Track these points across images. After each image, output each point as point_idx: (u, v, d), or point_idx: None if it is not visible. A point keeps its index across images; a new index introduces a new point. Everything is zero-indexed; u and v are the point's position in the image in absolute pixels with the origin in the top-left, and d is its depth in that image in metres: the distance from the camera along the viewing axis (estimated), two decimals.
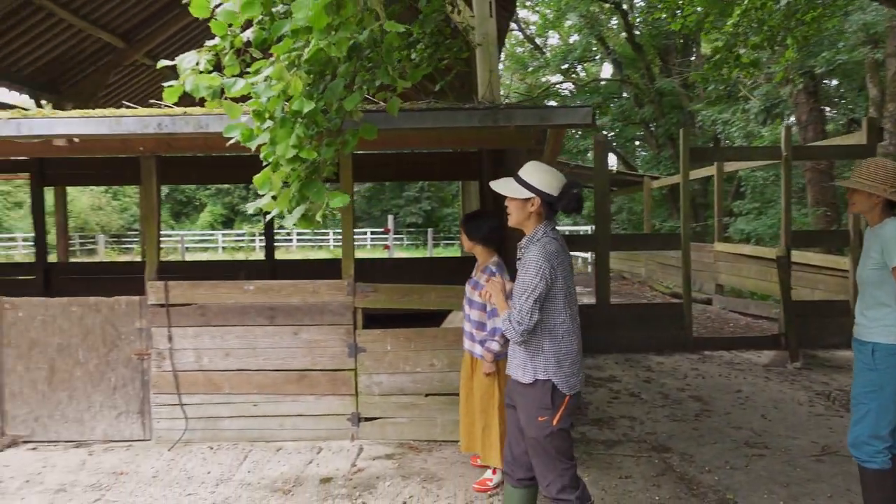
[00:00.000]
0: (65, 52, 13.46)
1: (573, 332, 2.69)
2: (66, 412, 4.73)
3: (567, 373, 2.65)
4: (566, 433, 2.68)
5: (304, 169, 2.88)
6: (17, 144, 3.91)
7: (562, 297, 2.64)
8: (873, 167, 3.00)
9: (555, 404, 2.63)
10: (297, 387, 4.71)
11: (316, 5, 2.17)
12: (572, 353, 2.68)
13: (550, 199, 2.67)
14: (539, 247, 2.62)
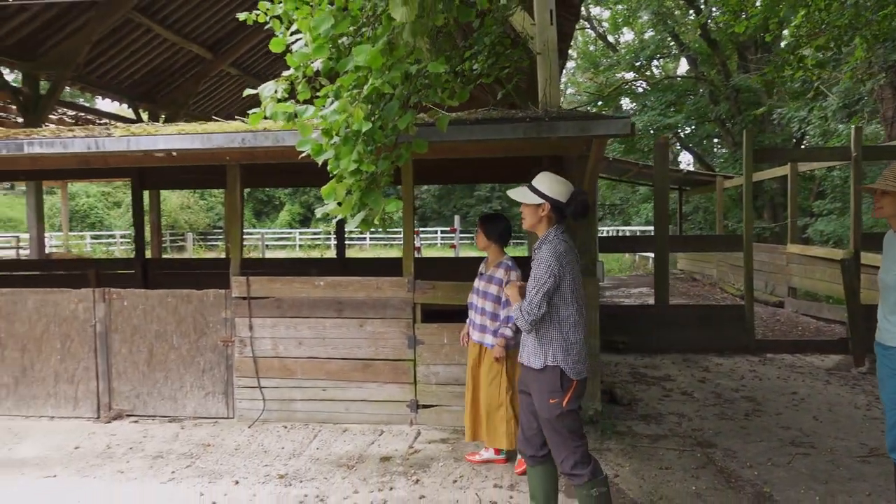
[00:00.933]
0: (159, 64, 14.62)
1: (580, 324, 3.01)
2: (162, 390, 5.36)
3: (574, 360, 2.98)
4: (575, 414, 2.99)
5: (364, 180, 3.27)
6: (125, 156, 4.53)
7: (569, 293, 2.96)
8: None
9: (563, 388, 2.95)
10: (361, 374, 5.15)
11: (373, 50, 2.55)
12: (578, 342, 3.00)
13: (559, 205, 3.01)
14: (550, 247, 2.96)
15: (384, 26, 2.48)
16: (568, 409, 2.95)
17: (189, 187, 13.11)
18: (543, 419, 3.01)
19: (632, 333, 7.81)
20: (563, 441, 2.98)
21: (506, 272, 4.13)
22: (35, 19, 11.27)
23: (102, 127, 5.20)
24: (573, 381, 2.96)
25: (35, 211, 13.41)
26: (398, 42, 2.66)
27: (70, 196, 29.39)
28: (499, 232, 4.19)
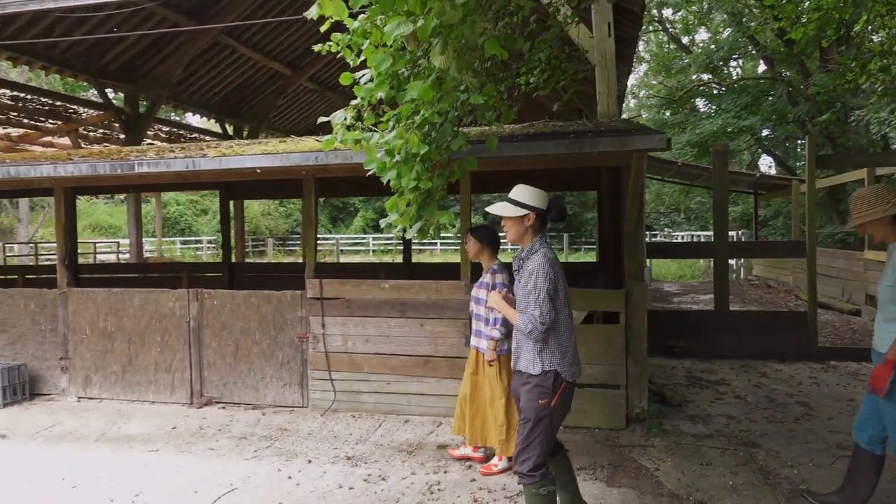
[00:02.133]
0: (244, 81, 15.70)
1: (571, 328, 3.20)
2: (245, 381, 5.99)
3: (569, 363, 3.18)
4: (559, 417, 3.16)
5: (422, 195, 3.71)
6: (217, 173, 5.17)
7: (562, 299, 3.14)
8: (863, 197, 3.24)
9: (554, 389, 3.12)
10: (422, 370, 5.59)
11: (424, 86, 2.98)
12: (571, 346, 3.20)
13: (542, 213, 3.20)
14: (541, 255, 3.13)
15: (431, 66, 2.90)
16: (552, 411, 3.11)
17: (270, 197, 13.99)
18: (525, 420, 3.16)
19: (690, 338, 7.90)
20: (533, 443, 3.09)
21: (492, 276, 4.32)
22: (135, 46, 12.44)
23: (196, 146, 5.90)
24: (564, 382, 3.14)
25: (135, 219, 14.70)
26: (446, 77, 3.07)
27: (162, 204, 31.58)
28: (489, 237, 4.40)
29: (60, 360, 6.38)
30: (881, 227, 3.23)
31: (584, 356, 5.21)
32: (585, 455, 4.66)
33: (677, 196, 28.78)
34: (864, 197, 3.25)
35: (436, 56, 2.76)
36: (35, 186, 6.39)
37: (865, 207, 3.22)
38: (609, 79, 6.55)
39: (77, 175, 5.18)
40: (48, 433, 5.37)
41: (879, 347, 3.20)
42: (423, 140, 3.54)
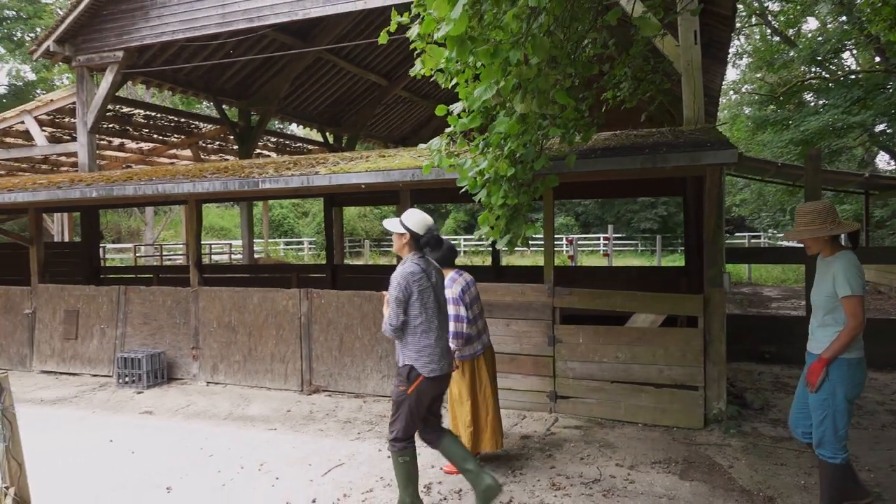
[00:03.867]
0: (343, 93, 16.72)
1: (431, 331, 3.72)
2: (349, 372, 6.66)
3: (425, 361, 3.71)
4: (416, 403, 3.73)
5: (509, 210, 4.16)
6: (327, 188, 5.86)
7: (418, 305, 3.70)
8: (809, 213, 3.47)
9: (410, 380, 3.73)
10: (508, 366, 6.02)
11: (510, 123, 3.42)
12: (429, 346, 3.72)
13: (416, 236, 3.80)
14: (401, 269, 3.73)
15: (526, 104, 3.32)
16: (410, 397, 3.72)
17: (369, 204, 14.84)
18: (392, 400, 3.85)
19: (780, 344, 7.86)
20: (397, 419, 3.77)
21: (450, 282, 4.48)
22: (248, 66, 13.65)
23: (307, 161, 6.64)
24: (420, 375, 3.71)
25: (246, 223, 16.03)
26: (529, 114, 3.50)
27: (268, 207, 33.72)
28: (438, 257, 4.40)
29: (192, 349, 7.33)
30: (819, 243, 3.49)
31: (662, 358, 5.50)
32: (661, 451, 4.94)
33: (780, 195, 27.48)
34: (809, 213, 3.48)
35: (517, 104, 3.19)
36: (174, 199, 7.37)
37: (809, 224, 3.46)
38: (695, 86, 6.73)
39: (211, 191, 6.03)
40: (185, 411, 6.26)
41: (813, 350, 3.51)
42: (511, 163, 3.99)
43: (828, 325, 3.43)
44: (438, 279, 3.92)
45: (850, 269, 3.32)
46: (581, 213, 38.03)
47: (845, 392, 3.37)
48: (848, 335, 3.30)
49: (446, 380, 3.92)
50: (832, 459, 3.45)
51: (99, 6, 10.45)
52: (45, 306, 8.05)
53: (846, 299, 3.30)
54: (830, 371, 3.37)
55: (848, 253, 3.44)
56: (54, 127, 13.03)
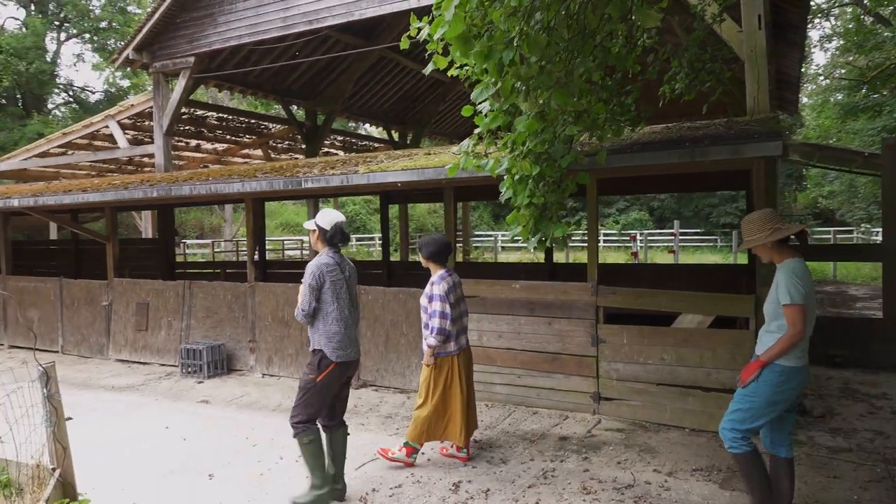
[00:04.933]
0: (407, 90, 16.90)
1: (341, 320, 3.99)
2: (394, 368, 6.75)
3: (334, 346, 3.97)
4: (325, 387, 3.97)
5: (537, 210, 4.09)
6: (367, 186, 5.96)
7: (329, 295, 3.96)
8: (749, 223, 3.52)
9: (320, 367, 3.97)
10: (550, 366, 5.94)
11: (528, 121, 3.37)
12: (339, 333, 3.97)
13: (324, 232, 4.07)
14: (315, 261, 4.01)
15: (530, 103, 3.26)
16: (320, 385, 3.96)
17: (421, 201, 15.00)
18: (299, 385, 4.05)
19: (853, 348, 7.35)
20: (300, 404, 3.99)
21: (430, 285, 4.65)
22: (313, 66, 14.02)
23: (353, 161, 6.77)
24: (332, 362, 3.95)
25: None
26: (547, 110, 3.42)
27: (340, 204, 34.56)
28: (429, 252, 4.70)
29: (249, 342, 7.63)
30: (766, 251, 3.53)
31: (710, 360, 5.28)
32: (705, 457, 4.73)
33: (872, 187, 25.63)
34: (750, 222, 3.53)
35: (521, 104, 3.13)
36: (231, 198, 7.69)
37: (749, 234, 3.52)
38: (759, 73, 6.38)
39: (259, 190, 6.27)
40: (238, 402, 6.53)
41: (758, 352, 3.55)
42: (535, 161, 3.92)
43: (773, 332, 3.47)
44: (352, 273, 4.21)
45: (791, 278, 3.36)
46: (656, 209, 36.81)
47: (769, 396, 3.42)
48: (786, 342, 3.35)
49: (354, 366, 4.16)
50: (733, 449, 3.52)
51: (172, 15, 11.01)
52: (119, 299, 8.60)
53: (786, 308, 3.35)
54: (763, 373, 3.43)
55: (792, 261, 3.45)
56: (136, 130, 13.86)
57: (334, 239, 4.11)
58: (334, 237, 4.11)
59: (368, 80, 15.72)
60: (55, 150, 14.49)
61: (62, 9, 29.20)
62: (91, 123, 13.70)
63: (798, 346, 3.38)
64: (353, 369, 4.21)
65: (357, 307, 4.25)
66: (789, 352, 3.37)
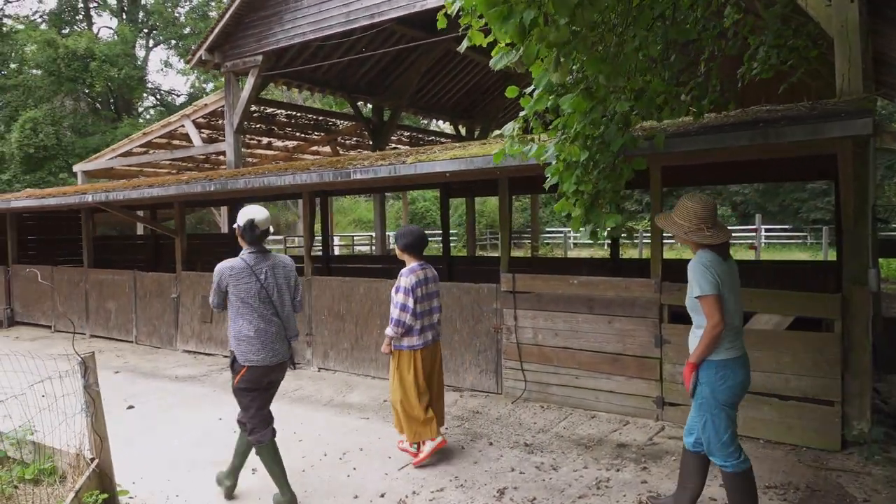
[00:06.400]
0: (473, 85, 16.68)
1: (252, 322, 3.80)
2: (448, 365, 6.54)
3: (244, 350, 3.81)
4: (244, 392, 3.87)
5: (587, 199, 3.78)
6: (415, 177, 5.79)
7: (234, 297, 3.81)
8: (683, 208, 3.34)
9: (234, 370, 3.88)
10: (610, 367, 5.57)
11: (574, 99, 3.08)
12: (248, 337, 3.79)
13: (239, 229, 3.91)
14: (226, 261, 3.87)
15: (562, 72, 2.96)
16: (237, 388, 3.87)
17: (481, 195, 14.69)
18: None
19: None
20: (241, 410, 3.93)
21: (399, 277, 4.59)
22: (379, 62, 14.03)
23: (412, 151, 6.61)
24: (243, 366, 3.81)
25: (379, 216, 16.56)
26: (597, 86, 3.12)
27: (411, 200, 34.80)
28: (404, 244, 4.64)
29: (306, 335, 7.64)
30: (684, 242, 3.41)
31: (788, 366, 4.80)
32: (780, 473, 4.27)
33: None
34: (685, 207, 3.35)
35: (551, 73, 2.85)
36: (288, 192, 7.72)
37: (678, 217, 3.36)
38: (851, 51, 5.75)
39: (310, 182, 6.22)
40: (292, 395, 6.52)
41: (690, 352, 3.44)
42: (585, 146, 3.61)
43: (698, 328, 3.36)
44: (282, 272, 3.99)
45: (698, 269, 3.27)
46: (739, 203, 34.91)
47: (717, 395, 3.28)
48: (708, 336, 3.24)
49: (275, 370, 3.96)
50: (724, 467, 3.33)
51: (241, 16, 11.26)
52: (186, 291, 8.83)
53: (699, 300, 3.27)
54: (700, 374, 3.32)
55: (701, 253, 3.34)
56: (210, 129, 14.33)
57: (246, 236, 3.91)
58: (245, 233, 3.90)
59: (434, 75, 15.62)
60: (137, 150, 15.21)
61: (149, 17, 30.80)
62: (168, 123, 14.27)
63: (726, 338, 3.28)
64: (277, 372, 4.02)
65: (294, 306, 4.05)
66: (716, 345, 3.26)
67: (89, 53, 24.90)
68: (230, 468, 4.17)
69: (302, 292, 4.18)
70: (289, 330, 4.01)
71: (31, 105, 24.84)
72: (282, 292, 3.97)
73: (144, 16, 31.25)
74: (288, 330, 4.00)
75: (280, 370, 4.03)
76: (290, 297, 4.04)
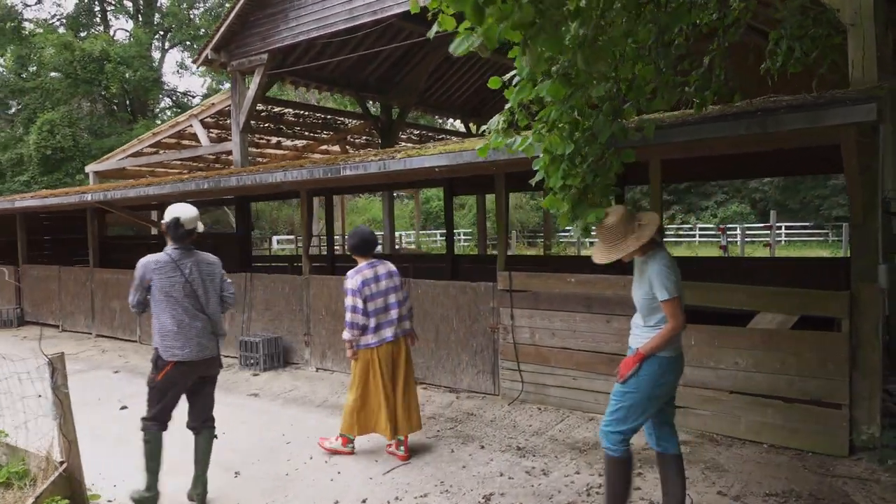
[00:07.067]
0: (483, 83, 16.45)
1: (175, 316, 3.79)
2: (444, 365, 6.41)
3: (167, 345, 3.79)
4: (164, 389, 3.86)
5: (574, 194, 3.61)
6: (405, 173, 5.65)
7: (158, 292, 3.80)
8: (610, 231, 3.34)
9: (157, 366, 3.86)
10: (608, 368, 5.37)
11: (552, 85, 2.92)
12: (172, 332, 3.78)
13: (164, 226, 3.92)
14: (146, 257, 3.89)
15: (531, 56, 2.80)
16: (158, 384, 3.86)
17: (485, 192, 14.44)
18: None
19: None
20: (150, 401, 3.92)
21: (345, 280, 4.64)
22: (387, 60, 13.92)
23: (392, 152, 6.47)
24: (168, 362, 3.79)
25: (388, 214, 16.47)
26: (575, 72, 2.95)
27: (425, 200, 34.70)
28: (350, 245, 4.73)
29: (304, 335, 7.54)
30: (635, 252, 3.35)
31: (793, 367, 4.60)
32: (782, 480, 4.07)
33: None
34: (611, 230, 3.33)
35: (519, 59, 2.69)
36: (284, 189, 7.64)
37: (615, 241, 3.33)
38: (865, 40, 5.50)
39: (300, 179, 6.12)
40: (286, 396, 6.42)
41: (633, 345, 3.46)
42: (568, 138, 3.44)
43: (650, 326, 3.36)
44: (205, 269, 3.97)
45: (663, 272, 3.25)
46: (759, 200, 34.28)
47: (650, 390, 3.31)
48: (667, 334, 3.27)
49: (200, 366, 3.93)
50: (612, 451, 3.36)
51: (246, 14, 11.21)
52: None
53: (664, 303, 3.26)
54: (644, 366, 3.33)
55: (658, 254, 3.33)
56: (218, 128, 14.32)
57: (170, 233, 3.92)
58: (169, 231, 3.92)
59: (444, 73, 15.46)
60: (147, 150, 15.26)
61: (164, 19, 31.06)
62: (177, 123, 14.29)
63: (676, 337, 3.33)
64: (205, 369, 3.99)
65: (206, 304, 3.95)
66: (670, 344, 3.31)
67: (104, 56, 25.13)
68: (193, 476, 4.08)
69: (233, 289, 4.18)
70: (216, 327, 4.00)
71: (49, 107, 25.15)
72: (206, 288, 3.97)
73: (160, 18, 31.52)
74: (216, 327, 3.99)
75: (209, 366, 4.02)
76: (216, 294, 4.01)
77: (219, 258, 4.17)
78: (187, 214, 3.93)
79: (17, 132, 25.89)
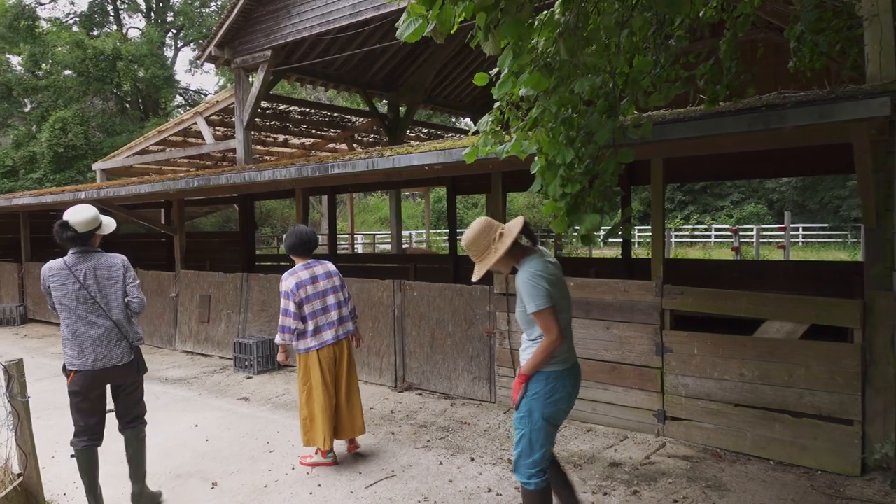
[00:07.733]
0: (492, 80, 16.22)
1: (69, 325, 3.64)
2: (440, 370, 6.20)
3: (71, 354, 3.64)
4: (73, 400, 3.67)
5: (570, 199, 3.39)
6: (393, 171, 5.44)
7: (57, 303, 3.67)
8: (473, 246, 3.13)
9: (66, 373, 3.69)
10: (607, 377, 5.15)
11: (533, 76, 2.70)
12: (67, 340, 3.65)
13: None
14: (48, 262, 3.73)
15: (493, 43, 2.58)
16: (69, 391, 3.66)
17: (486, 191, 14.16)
18: None
19: None
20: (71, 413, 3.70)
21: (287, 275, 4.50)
22: (394, 57, 13.72)
23: (380, 147, 6.26)
24: (70, 371, 3.64)
25: (394, 213, 16.28)
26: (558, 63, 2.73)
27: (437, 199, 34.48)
28: (287, 245, 4.59)
29: None
30: (506, 262, 3.15)
31: (802, 379, 4.36)
32: (789, 501, 3.81)
33: None
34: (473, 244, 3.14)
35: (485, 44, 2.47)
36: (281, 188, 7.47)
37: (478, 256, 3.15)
38: (883, 33, 5.22)
39: (289, 177, 5.94)
40: (276, 400, 6.24)
41: (522, 361, 3.25)
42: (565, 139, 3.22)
43: (532, 340, 3.16)
44: (100, 273, 3.75)
45: (528, 284, 3.05)
46: (776, 201, 33.67)
47: (541, 410, 3.11)
48: (544, 349, 3.06)
49: (106, 375, 3.71)
50: (526, 484, 3.16)
51: (249, 11, 11.07)
52: (185, 290, 8.66)
53: (535, 315, 3.06)
54: (529, 386, 3.14)
55: (528, 263, 3.10)
56: (223, 126, 14.21)
57: (56, 237, 3.73)
58: (56, 235, 3.73)
59: (451, 70, 15.23)
60: (153, 148, 15.20)
61: (176, 17, 31.12)
62: (182, 120, 14.20)
63: (559, 350, 3.09)
64: (117, 377, 3.78)
65: (117, 308, 3.76)
66: (552, 358, 3.09)
67: (116, 54, 25.20)
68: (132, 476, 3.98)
69: (137, 292, 3.88)
70: (126, 332, 3.78)
71: (62, 105, 25.27)
72: (106, 293, 3.75)
73: (172, 16, 31.59)
74: (125, 331, 3.77)
75: (118, 375, 3.77)
76: (119, 297, 3.78)
77: (125, 257, 3.91)
78: (77, 217, 3.70)
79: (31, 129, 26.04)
